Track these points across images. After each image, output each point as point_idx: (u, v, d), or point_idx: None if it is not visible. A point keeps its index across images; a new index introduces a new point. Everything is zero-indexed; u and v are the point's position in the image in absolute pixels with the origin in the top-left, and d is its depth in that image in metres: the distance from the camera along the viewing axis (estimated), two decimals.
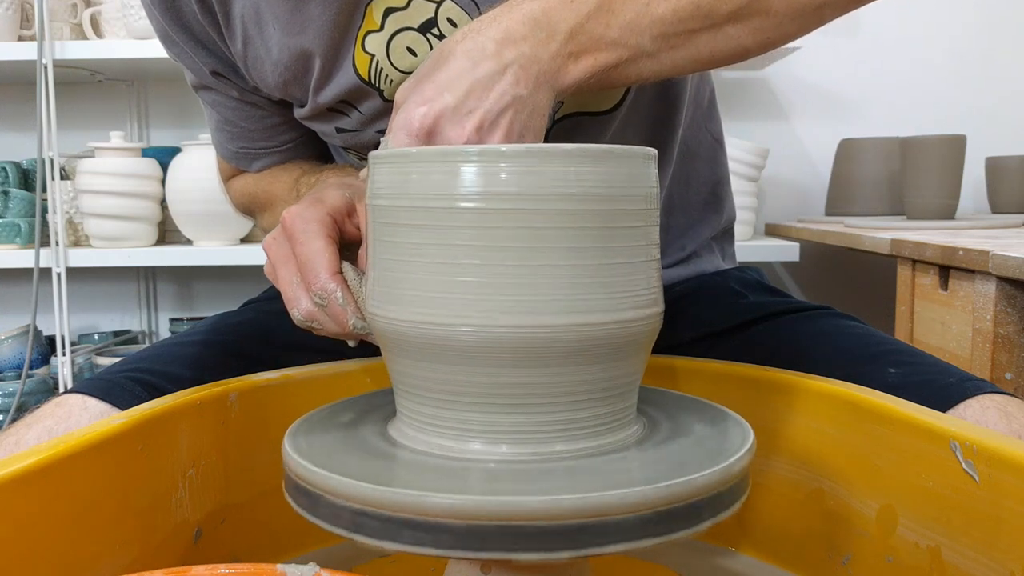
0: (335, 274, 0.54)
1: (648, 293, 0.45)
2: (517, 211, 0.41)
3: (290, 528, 0.54)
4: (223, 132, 0.86)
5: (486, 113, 0.51)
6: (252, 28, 0.73)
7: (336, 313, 0.54)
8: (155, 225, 1.87)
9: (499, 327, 0.42)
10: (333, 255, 0.54)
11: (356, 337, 0.55)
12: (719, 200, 0.90)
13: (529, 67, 0.53)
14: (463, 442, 0.45)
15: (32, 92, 1.78)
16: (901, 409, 0.52)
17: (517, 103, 0.52)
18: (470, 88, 0.51)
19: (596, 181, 0.42)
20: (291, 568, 0.33)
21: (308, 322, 0.56)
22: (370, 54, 0.71)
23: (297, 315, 0.56)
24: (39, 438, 0.61)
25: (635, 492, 0.39)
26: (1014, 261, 0.99)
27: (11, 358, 1.89)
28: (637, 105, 0.77)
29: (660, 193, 0.48)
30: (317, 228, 0.55)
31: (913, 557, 0.50)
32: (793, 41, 0.63)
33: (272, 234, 0.58)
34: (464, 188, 0.42)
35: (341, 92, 0.73)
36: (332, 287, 0.53)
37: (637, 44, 0.56)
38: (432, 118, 0.51)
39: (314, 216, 0.56)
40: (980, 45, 2.09)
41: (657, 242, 0.47)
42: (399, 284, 0.44)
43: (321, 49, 0.71)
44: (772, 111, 2.13)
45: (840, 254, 1.96)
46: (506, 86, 0.52)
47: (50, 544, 0.45)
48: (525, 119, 0.53)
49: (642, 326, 0.45)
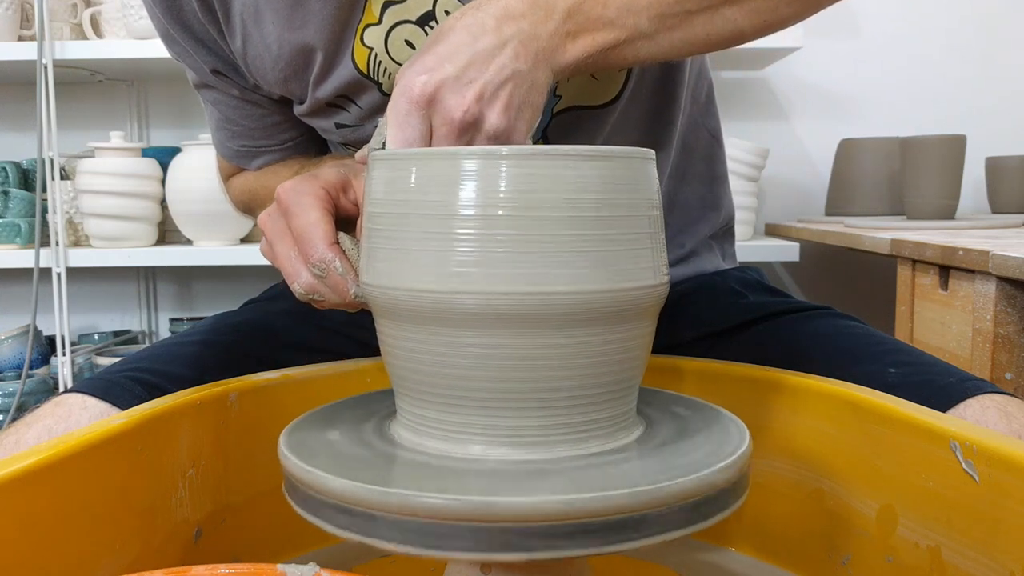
0: (332, 244, 0.54)
1: (650, 265, 0.45)
2: (518, 217, 0.42)
3: (290, 528, 0.54)
4: (224, 131, 0.86)
5: (486, 84, 0.51)
6: (251, 25, 0.73)
7: (336, 283, 0.54)
8: (155, 225, 1.87)
9: (498, 293, 0.42)
10: (329, 225, 0.55)
11: (358, 306, 0.55)
12: (717, 198, 0.90)
13: (528, 43, 0.53)
14: (463, 444, 0.45)
15: (32, 92, 1.78)
16: (901, 409, 0.52)
17: (517, 77, 0.52)
18: (470, 60, 0.52)
19: (597, 184, 0.43)
20: (291, 568, 0.33)
21: (309, 295, 0.55)
22: (369, 47, 0.71)
23: (298, 288, 0.55)
24: (39, 437, 0.61)
25: (635, 492, 0.39)
26: (1014, 261, 0.99)
27: (11, 358, 1.89)
28: (635, 98, 0.77)
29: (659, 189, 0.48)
30: (312, 200, 0.55)
31: (913, 557, 0.50)
32: (791, 25, 0.64)
33: (267, 210, 0.58)
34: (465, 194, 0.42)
35: (340, 86, 0.73)
36: (330, 257, 0.53)
37: (634, 24, 0.57)
38: (433, 86, 0.51)
39: (308, 189, 0.56)
40: (980, 45, 2.09)
41: (661, 224, 0.47)
42: (396, 254, 0.44)
43: (322, 43, 0.71)
44: (772, 111, 2.13)
45: (840, 254, 1.96)
46: (506, 60, 0.52)
47: (50, 544, 0.45)
48: (524, 93, 0.53)
49: (641, 294, 0.44)
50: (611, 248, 0.43)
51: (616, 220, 0.43)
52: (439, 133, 0.52)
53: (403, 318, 0.45)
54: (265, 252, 0.59)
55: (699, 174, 0.88)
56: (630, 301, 0.44)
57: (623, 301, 0.44)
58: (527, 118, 0.54)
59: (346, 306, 0.55)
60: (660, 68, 0.79)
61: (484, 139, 0.52)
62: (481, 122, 0.52)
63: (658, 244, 0.46)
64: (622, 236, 0.44)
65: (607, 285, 0.43)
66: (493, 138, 0.52)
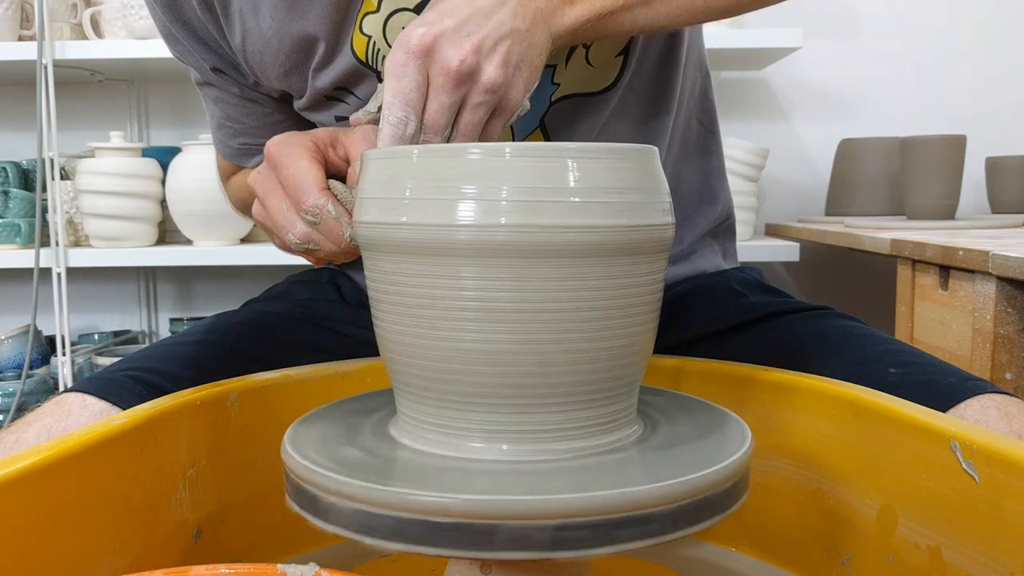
0: (323, 189, 0.54)
1: (654, 204, 0.44)
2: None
3: (290, 528, 0.54)
4: (225, 128, 0.87)
5: (484, 38, 0.52)
6: (250, 21, 0.73)
7: (331, 227, 0.54)
8: (155, 225, 1.87)
9: (497, 225, 0.41)
10: (319, 172, 0.55)
11: (354, 253, 0.54)
12: (714, 191, 0.90)
13: (527, 4, 0.54)
14: (463, 442, 0.44)
15: (32, 92, 1.78)
16: (901, 409, 0.52)
17: (515, 35, 0.53)
18: (470, 15, 0.52)
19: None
20: (291, 568, 0.33)
21: (304, 244, 0.55)
22: (367, 35, 0.71)
23: (293, 238, 0.55)
24: (39, 436, 0.61)
25: (635, 492, 0.39)
26: (1014, 261, 0.99)
27: (11, 358, 1.89)
28: (632, 88, 0.77)
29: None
30: (300, 151, 0.55)
31: (913, 557, 0.50)
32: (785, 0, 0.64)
33: (257, 168, 0.58)
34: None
35: (339, 75, 0.73)
36: (323, 201, 0.54)
37: None
38: (431, 37, 0.51)
39: (296, 142, 0.56)
40: (980, 45, 2.09)
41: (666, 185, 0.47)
42: (393, 189, 0.44)
43: (324, 32, 0.72)
44: (772, 111, 2.13)
45: (840, 254, 1.96)
46: (504, 17, 0.53)
47: (50, 544, 0.45)
48: (522, 51, 0.53)
49: (645, 232, 0.44)
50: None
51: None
52: (436, 83, 0.51)
53: (397, 251, 0.44)
54: (258, 214, 0.59)
55: (694, 166, 0.88)
56: (639, 241, 0.43)
57: (631, 240, 0.43)
58: (524, 77, 0.54)
59: (342, 253, 0.55)
60: (657, 56, 0.79)
61: (481, 91, 0.52)
62: (478, 73, 0.52)
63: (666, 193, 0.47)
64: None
65: (611, 221, 0.42)
66: (490, 91, 0.52)
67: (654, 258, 0.45)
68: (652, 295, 0.46)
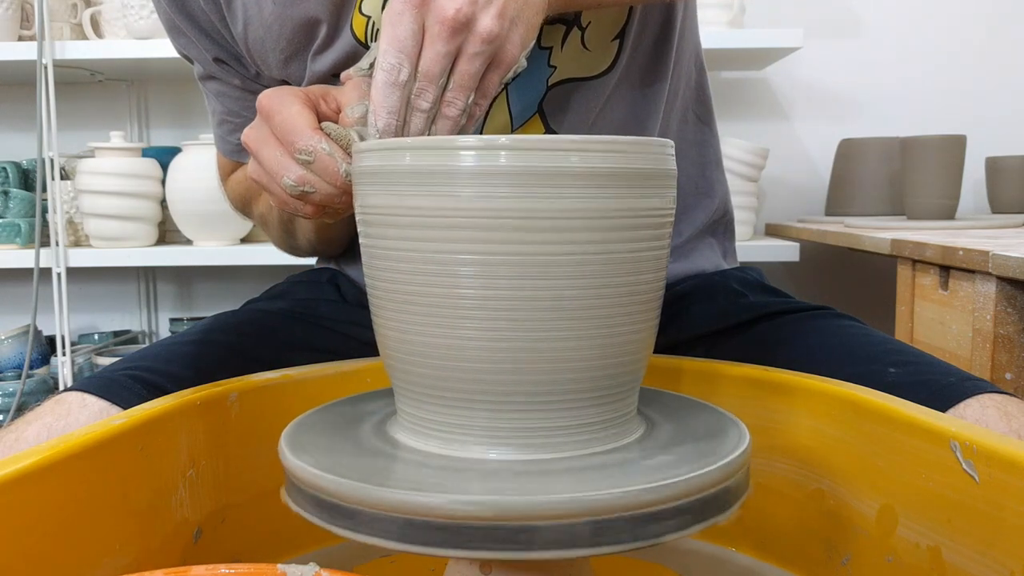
0: (316, 129, 0.54)
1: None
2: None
3: (290, 528, 0.54)
4: (226, 125, 0.87)
5: None
6: (252, 8, 0.74)
7: (325, 164, 0.53)
8: (155, 225, 1.87)
9: (501, 148, 0.41)
10: (311, 115, 0.54)
11: (351, 195, 0.53)
12: (710, 183, 0.90)
13: None
14: (463, 442, 0.45)
15: (32, 92, 1.78)
16: (901, 409, 0.52)
17: None
18: None
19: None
20: (291, 568, 0.33)
21: (300, 187, 0.54)
22: (366, 16, 0.72)
23: (288, 181, 0.55)
24: (38, 435, 0.61)
25: (635, 492, 0.39)
26: (1014, 261, 0.99)
27: (11, 358, 1.89)
28: (627, 75, 0.78)
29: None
30: (291, 99, 0.55)
31: (913, 557, 0.50)
32: None
33: (250, 124, 0.58)
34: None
35: (339, 58, 0.74)
36: (316, 139, 0.53)
37: None
38: None
39: (287, 90, 0.56)
40: (980, 45, 2.09)
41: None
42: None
43: (326, 14, 0.72)
44: (772, 111, 2.13)
45: (840, 254, 1.96)
46: None
47: (50, 544, 0.45)
48: (519, 7, 0.53)
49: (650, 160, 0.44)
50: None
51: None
52: (431, 32, 0.51)
53: (395, 182, 0.44)
54: (253, 172, 0.58)
55: (690, 158, 0.88)
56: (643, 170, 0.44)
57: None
58: (521, 32, 0.54)
59: (338, 193, 0.54)
60: (651, 47, 0.80)
61: (477, 41, 0.51)
62: (474, 23, 0.51)
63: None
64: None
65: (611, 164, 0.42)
66: (487, 40, 0.51)
67: (658, 216, 0.45)
68: (653, 292, 0.46)
